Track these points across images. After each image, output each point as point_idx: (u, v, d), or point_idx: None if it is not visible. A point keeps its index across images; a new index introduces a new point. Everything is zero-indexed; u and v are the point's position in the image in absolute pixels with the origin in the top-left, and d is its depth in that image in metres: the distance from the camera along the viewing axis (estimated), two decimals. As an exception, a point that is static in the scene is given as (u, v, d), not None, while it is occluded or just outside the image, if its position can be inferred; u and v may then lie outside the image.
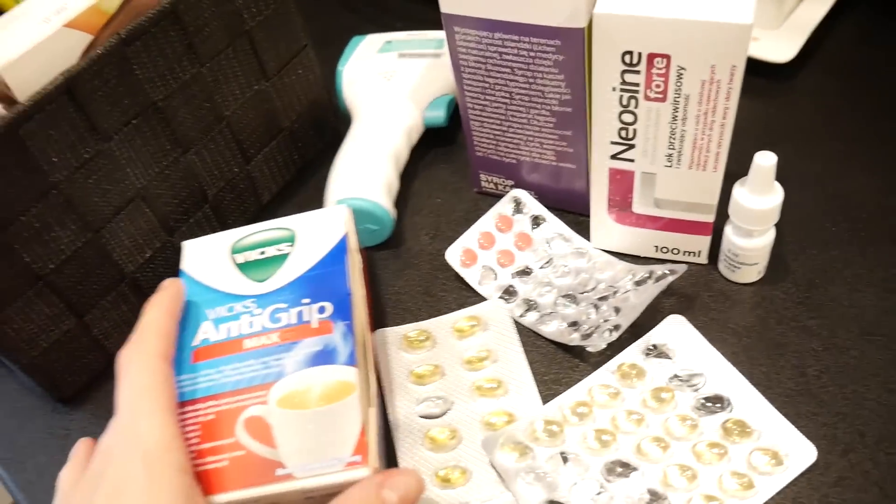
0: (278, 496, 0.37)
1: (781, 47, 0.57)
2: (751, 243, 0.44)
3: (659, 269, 0.44)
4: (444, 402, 0.44)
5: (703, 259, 0.47)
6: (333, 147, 0.55)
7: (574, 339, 0.44)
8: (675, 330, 0.44)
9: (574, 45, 0.42)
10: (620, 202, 0.46)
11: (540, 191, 0.51)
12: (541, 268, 0.48)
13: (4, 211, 0.40)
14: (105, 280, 0.47)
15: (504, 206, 0.51)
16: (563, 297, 0.47)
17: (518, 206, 0.51)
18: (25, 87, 0.40)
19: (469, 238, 0.50)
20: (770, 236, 0.44)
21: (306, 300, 0.43)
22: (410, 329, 0.47)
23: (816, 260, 0.47)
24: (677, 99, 0.39)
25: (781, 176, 0.42)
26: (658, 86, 0.39)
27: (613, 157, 0.43)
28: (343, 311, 0.42)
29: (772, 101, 0.57)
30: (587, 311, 0.45)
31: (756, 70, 0.57)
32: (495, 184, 0.53)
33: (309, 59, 0.55)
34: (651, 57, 0.38)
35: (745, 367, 0.42)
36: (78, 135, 0.42)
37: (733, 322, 0.45)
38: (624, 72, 0.39)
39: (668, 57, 0.38)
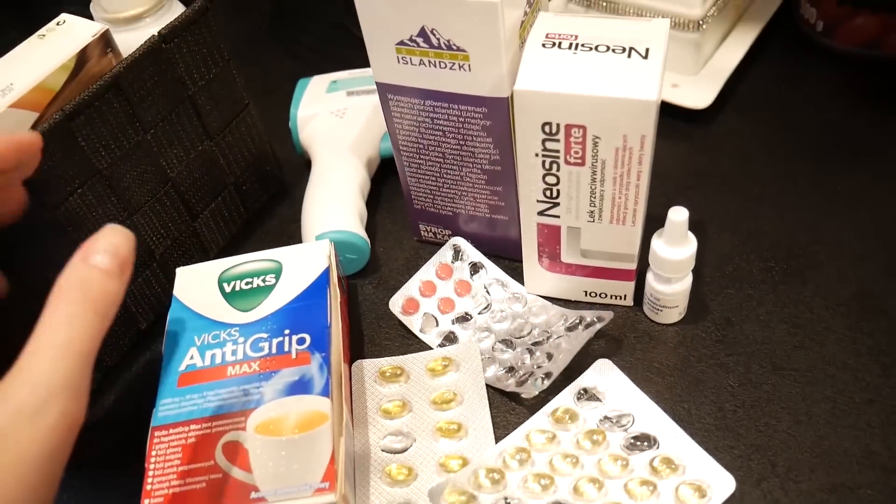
0: None
1: (700, 93, 0.61)
2: (670, 288, 0.47)
3: (588, 316, 0.48)
4: (407, 438, 0.46)
5: (629, 301, 0.51)
6: (278, 198, 0.57)
7: (510, 385, 0.47)
8: (604, 373, 0.47)
9: (500, 112, 0.45)
10: (550, 252, 0.49)
11: (476, 239, 0.54)
12: (479, 313, 0.51)
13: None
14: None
15: (444, 255, 0.53)
16: (501, 342, 0.49)
17: (457, 254, 0.53)
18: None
19: (411, 287, 0.53)
20: (688, 281, 0.48)
21: (287, 331, 0.46)
22: (386, 363, 0.50)
23: (733, 299, 0.51)
24: (594, 164, 0.42)
25: (701, 217, 0.45)
26: (577, 152, 0.42)
27: (540, 213, 0.46)
28: (321, 343, 0.45)
29: (692, 144, 0.61)
30: (522, 356, 0.48)
31: (676, 115, 0.61)
32: (434, 233, 0.55)
33: (251, 116, 0.57)
34: (568, 127, 0.41)
35: (668, 405, 0.46)
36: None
37: (657, 361, 0.48)
38: (545, 140, 0.42)
39: (584, 127, 0.41)
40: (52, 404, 0.31)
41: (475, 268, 0.53)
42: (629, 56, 0.40)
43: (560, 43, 0.42)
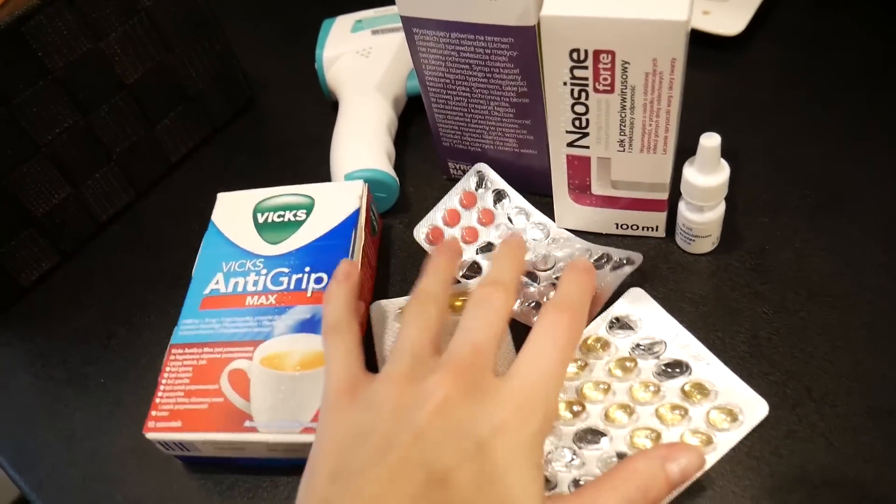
0: (242, 444, 0.42)
1: (731, 20, 0.59)
2: (703, 217, 0.47)
3: (616, 254, 0.47)
4: None
5: (661, 233, 0.50)
6: (246, 112, 0.64)
7: (534, 320, 0.47)
8: (636, 301, 0.47)
9: (527, 41, 0.44)
10: (580, 185, 0.48)
11: (505, 175, 0.54)
12: None
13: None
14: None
15: (468, 181, 0.53)
16: (525, 274, 0.49)
17: (481, 181, 0.53)
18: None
19: (435, 216, 0.53)
20: (720, 209, 0.47)
21: (308, 268, 0.47)
22: (406, 301, 0.50)
23: (767, 228, 0.50)
24: (624, 90, 0.42)
25: (733, 147, 0.44)
26: (605, 79, 0.41)
27: (569, 144, 0.46)
28: None
29: (723, 73, 0.59)
30: (547, 292, 0.48)
31: (707, 42, 0.59)
32: (463, 170, 0.55)
33: (215, 32, 0.60)
34: (597, 53, 0.40)
35: (702, 334, 0.46)
36: None
37: (690, 291, 0.48)
38: (573, 67, 0.41)
39: (612, 53, 0.40)
40: None
41: (499, 195, 0.52)
42: (659, -23, 0.39)
43: (587, -34, 0.41)
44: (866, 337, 0.44)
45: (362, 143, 0.54)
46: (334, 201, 0.50)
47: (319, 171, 0.58)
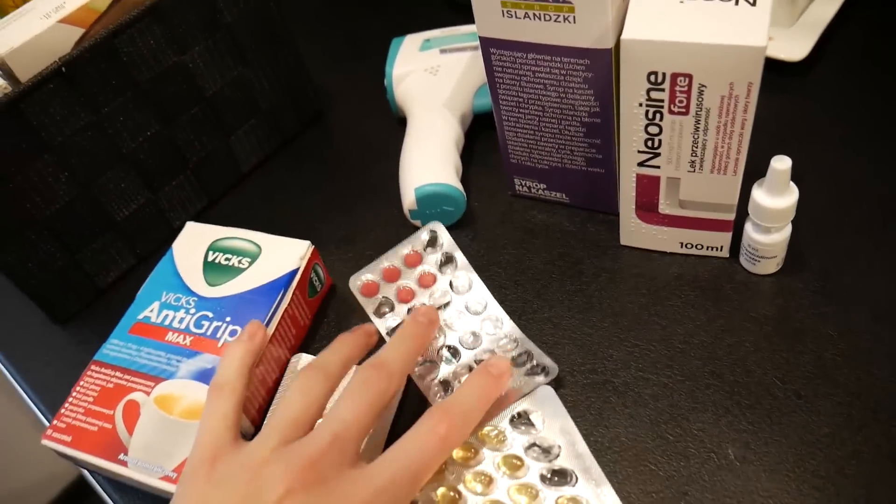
0: (115, 473, 0.43)
1: (795, 45, 0.60)
2: (769, 238, 0.48)
3: (536, 358, 0.46)
4: None
5: (725, 253, 0.51)
6: (314, 125, 0.67)
7: (438, 401, 0.45)
8: (544, 401, 0.45)
9: (602, 64, 0.45)
10: (647, 203, 0.49)
11: (570, 193, 0.55)
12: (437, 309, 0.49)
13: (7, 166, 0.50)
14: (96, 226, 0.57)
15: (418, 239, 0.52)
16: (447, 348, 0.48)
17: (433, 241, 0.52)
18: (26, 71, 0.49)
19: (376, 268, 0.51)
20: (787, 231, 0.48)
21: (228, 318, 0.48)
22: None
23: (831, 249, 0.51)
24: (699, 112, 0.43)
25: (797, 169, 0.45)
26: (681, 101, 0.43)
27: (640, 164, 0.47)
28: None
29: (787, 97, 0.60)
30: (461, 375, 0.46)
31: (771, 67, 0.60)
32: (529, 187, 0.57)
33: (289, 49, 0.63)
34: (674, 76, 0.42)
35: (766, 354, 0.46)
36: (70, 109, 0.51)
37: (754, 311, 0.49)
38: (649, 90, 0.43)
39: (690, 76, 0.41)
40: None
41: (448, 259, 0.52)
42: (736, 3, 0.41)
43: (665, -7, 0.42)
44: (932, 361, 0.45)
45: (431, 158, 0.56)
46: (278, 256, 0.50)
47: (386, 184, 0.60)
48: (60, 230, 0.54)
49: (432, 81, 0.61)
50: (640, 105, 0.44)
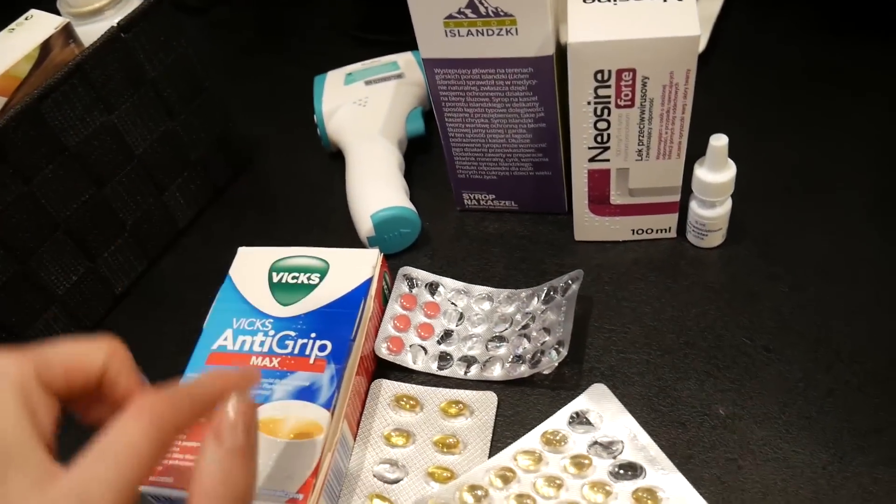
0: None
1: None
2: (714, 212, 0.51)
3: (559, 282, 0.50)
4: (401, 471, 0.46)
5: (673, 234, 0.55)
6: (247, 173, 0.66)
7: (524, 371, 0.48)
8: (598, 399, 0.47)
9: (545, 70, 0.48)
10: (599, 197, 0.52)
11: (519, 199, 0.57)
12: (456, 325, 0.52)
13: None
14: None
15: (399, 288, 0.54)
16: (491, 340, 0.51)
17: (411, 283, 0.54)
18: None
19: (387, 328, 0.52)
20: (728, 204, 0.52)
21: (313, 334, 0.47)
22: (404, 390, 0.49)
23: (767, 218, 0.55)
24: (643, 103, 0.46)
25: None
26: (626, 95, 0.46)
27: (591, 159, 0.50)
28: (339, 354, 0.46)
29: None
30: (521, 343, 0.50)
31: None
32: (478, 200, 0.59)
33: (212, 97, 0.62)
34: (619, 72, 0.45)
35: (731, 317, 0.50)
36: (0, 182, 0.49)
37: (711, 281, 0.52)
38: (597, 87, 0.46)
39: (633, 70, 0.45)
40: None
41: (432, 287, 0.54)
42: (665, 0, 0.44)
43: (598, -3, 0.45)
44: (874, 300, 0.50)
45: (381, 183, 0.57)
46: (349, 268, 0.50)
47: (334, 218, 0.61)
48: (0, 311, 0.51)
49: (363, 112, 0.62)
50: (589, 103, 0.47)
